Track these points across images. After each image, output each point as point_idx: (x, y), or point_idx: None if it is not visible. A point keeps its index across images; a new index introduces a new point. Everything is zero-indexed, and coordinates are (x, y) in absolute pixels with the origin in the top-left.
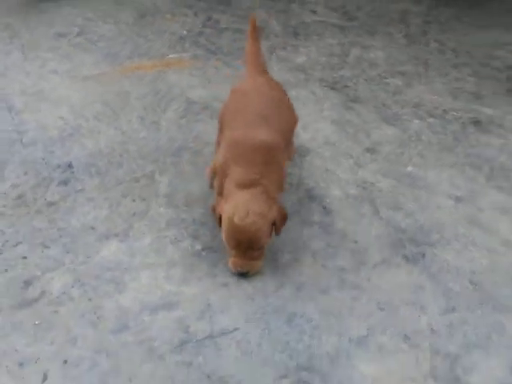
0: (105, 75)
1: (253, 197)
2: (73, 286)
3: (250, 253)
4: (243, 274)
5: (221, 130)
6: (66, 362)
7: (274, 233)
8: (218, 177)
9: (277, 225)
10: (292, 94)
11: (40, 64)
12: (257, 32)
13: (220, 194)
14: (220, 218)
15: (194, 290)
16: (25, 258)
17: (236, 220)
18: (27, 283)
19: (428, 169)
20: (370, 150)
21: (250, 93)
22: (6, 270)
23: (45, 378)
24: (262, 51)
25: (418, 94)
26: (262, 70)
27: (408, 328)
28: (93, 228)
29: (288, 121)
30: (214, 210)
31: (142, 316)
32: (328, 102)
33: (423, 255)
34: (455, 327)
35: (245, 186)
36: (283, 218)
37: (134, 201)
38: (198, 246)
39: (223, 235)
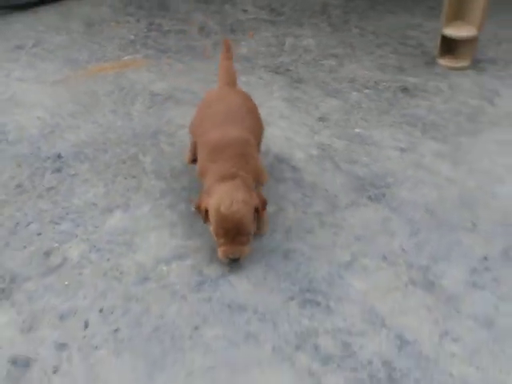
0: (70, 79)
1: (234, 187)
2: (90, 252)
3: (238, 239)
4: (235, 260)
5: (193, 142)
6: (101, 310)
7: (257, 218)
8: (202, 180)
9: (259, 210)
10: (242, 80)
11: (5, 73)
12: (230, 52)
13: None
14: (206, 213)
15: (198, 243)
16: (39, 234)
17: (223, 209)
18: (47, 254)
19: (372, 129)
20: (321, 119)
21: (216, 100)
22: (25, 247)
23: (86, 325)
24: (233, 69)
25: (351, 71)
26: (232, 83)
27: (384, 251)
28: (94, 204)
29: (255, 125)
30: (199, 206)
31: (158, 267)
32: (275, 84)
33: (384, 195)
34: (422, 246)
35: (225, 178)
36: (263, 203)
37: (125, 178)
38: (193, 208)
39: (212, 227)
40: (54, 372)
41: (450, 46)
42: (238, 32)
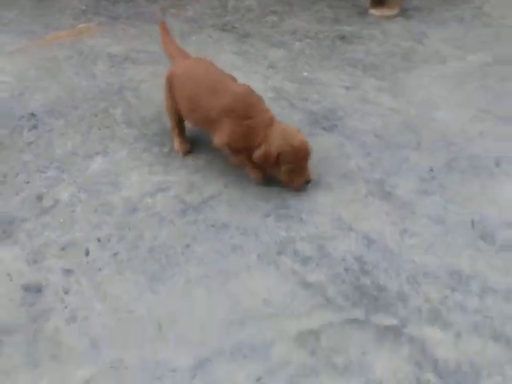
0: (28, 48)
1: (285, 126)
2: (79, 192)
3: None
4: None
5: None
6: (99, 239)
7: None
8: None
9: None
10: (193, 39)
11: None
12: (167, 32)
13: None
14: (278, 157)
15: (176, 178)
16: (28, 182)
17: (299, 144)
18: (39, 197)
19: (317, 72)
20: (271, 67)
21: (197, 69)
22: (17, 193)
23: (87, 252)
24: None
25: (292, 24)
26: (186, 56)
27: (343, 169)
28: (75, 153)
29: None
30: (268, 155)
31: (144, 200)
32: (224, 40)
33: (336, 125)
34: (375, 164)
35: (271, 123)
36: None
37: (99, 129)
38: (166, 150)
39: (287, 167)
40: (66, 293)
41: None
42: None
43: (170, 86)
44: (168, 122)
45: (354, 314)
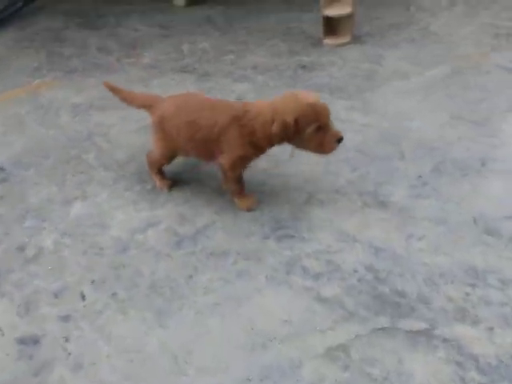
0: None
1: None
2: (63, 238)
3: None
4: (341, 140)
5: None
6: (93, 282)
7: None
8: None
9: None
10: (154, 83)
11: None
12: (117, 88)
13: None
14: (296, 121)
15: (164, 211)
16: (7, 234)
17: (314, 101)
18: (21, 248)
19: None
20: (240, 98)
21: (190, 95)
22: None
23: (83, 296)
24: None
25: (251, 60)
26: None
27: (333, 186)
28: (51, 200)
29: None
30: (285, 126)
31: (135, 237)
32: (187, 81)
33: None
34: (364, 177)
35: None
36: None
37: (74, 176)
38: (148, 187)
39: (314, 127)
40: (66, 340)
41: (331, 27)
42: (137, 47)
43: (161, 129)
44: (145, 162)
45: (379, 323)
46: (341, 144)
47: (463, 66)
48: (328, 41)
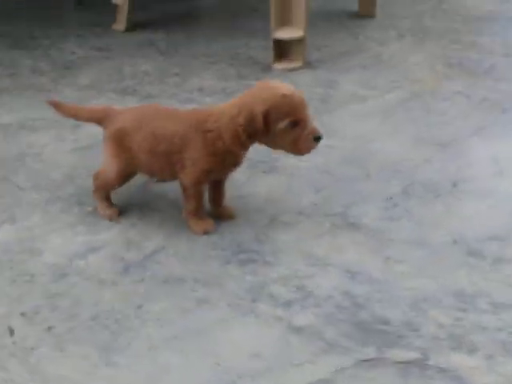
0: None
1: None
2: None
3: None
4: (320, 139)
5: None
6: (23, 314)
7: None
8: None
9: None
10: (92, 103)
11: None
12: (62, 104)
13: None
14: (265, 119)
15: (107, 236)
16: None
17: (288, 90)
18: None
19: None
20: None
21: (150, 107)
22: None
23: (11, 331)
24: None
25: (196, 83)
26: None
27: (297, 208)
28: None
29: None
30: (250, 118)
31: (74, 263)
32: (128, 102)
33: (276, 167)
34: (330, 199)
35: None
36: None
37: (1, 197)
38: (89, 209)
39: (287, 122)
40: None
41: (282, 51)
42: (73, 68)
43: (119, 144)
44: (87, 185)
45: (365, 354)
46: (303, 166)
47: (421, 91)
48: (278, 65)
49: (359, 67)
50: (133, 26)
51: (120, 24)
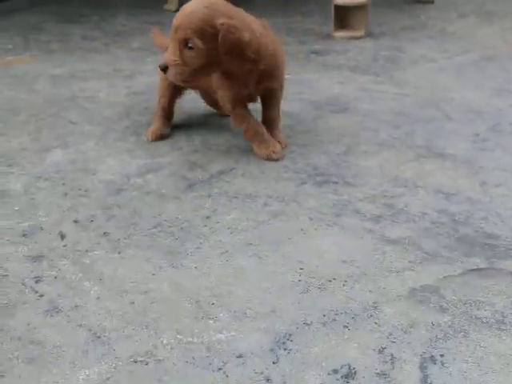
0: None
1: None
2: (37, 182)
3: None
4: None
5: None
6: (76, 221)
7: None
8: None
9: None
10: (148, 60)
11: None
12: (159, 36)
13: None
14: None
15: (169, 159)
16: None
17: None
18: None
19: (300, 74)
20: None
21: None
22: None
23: (62, 235)
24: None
25: None
26: None
27: (376, 140)
28: (23, 149)
29: None
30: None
31: (131, 180)
32: None
33: (346, 108)
34: (410, 134)
35: None
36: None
37: (52, 129)
38: (144, 138)
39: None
40: (37, 282)
41: (343, 20)
42: (124, 35)
43: None
44: (141, 118)
45: (473, 264)
46: (375, 109)
47: (492, 54)
48: (339, 34)
49: (425, 37)
50: None
51: (171, 4)
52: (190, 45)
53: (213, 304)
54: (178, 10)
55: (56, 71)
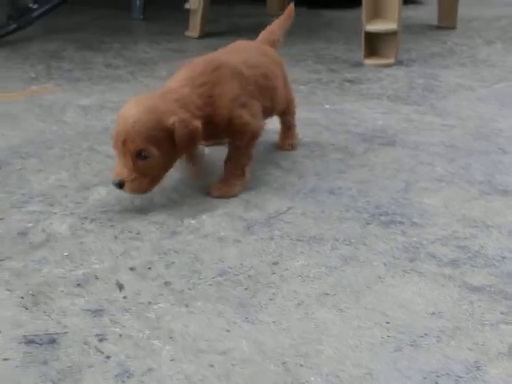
0: None
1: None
2: (82, 224)
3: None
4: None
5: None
6: (133, 268)
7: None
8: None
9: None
10: None
11: None
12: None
13: None
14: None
15: (221, 198)
16: (1, 219)
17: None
18: (22, 234)
19: (339, 104)
20: None
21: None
22: None
23: (120, 286)
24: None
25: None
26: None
27: (433, 176)
28: (63, 186)
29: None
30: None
31: (185, 222)
32: None
33: (394, 141)
34: (467, 168)
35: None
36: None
37: (89, 164)
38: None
39: None
40: (101, 340)
41: (372, 48)
42: (149, 63)
43: None
44: None
45: None
46: (425, 141)
47: None
48: (369, 61)
49: (456, 65)
50: (205, 33)
51: (193, 31)
52: (144, 154)
53: (301, 366)
54: (200, 37)
55: (84, 102)
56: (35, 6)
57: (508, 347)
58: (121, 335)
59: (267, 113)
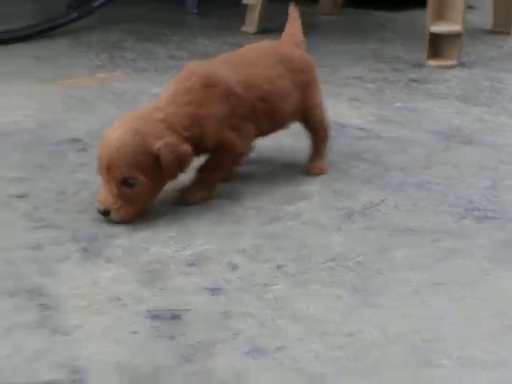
0: (49, 88)
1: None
2: (187, 208)
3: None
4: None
5: None
6: (243, 250)
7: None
8: None
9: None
10: None
11: None
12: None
13: None
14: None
15: (314, 187)
16: (92, 203)
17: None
18: None
19: (410, 103)
20: (355, 100)
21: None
22: (85, 210)
23: (232, 266)
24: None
25: (349, 73)
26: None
27: None
28: None
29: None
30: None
31: (284, 208)
32: None
33: (471, 140)
34: None
35: None
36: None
37: None
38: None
39: None
40: (226, 316)
41: (436, 49)
42: (212, 56)
43: None
44: None
45: None
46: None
47: None
48: (433, 62)
49: None
50: (262, 29)
51: (250, 26)
52: (130, 182)
53: (429, 350)
54: (256, 33)
55: (156, 90)
56: None
57: None
58: (244, 313)
59: (266, 132)
